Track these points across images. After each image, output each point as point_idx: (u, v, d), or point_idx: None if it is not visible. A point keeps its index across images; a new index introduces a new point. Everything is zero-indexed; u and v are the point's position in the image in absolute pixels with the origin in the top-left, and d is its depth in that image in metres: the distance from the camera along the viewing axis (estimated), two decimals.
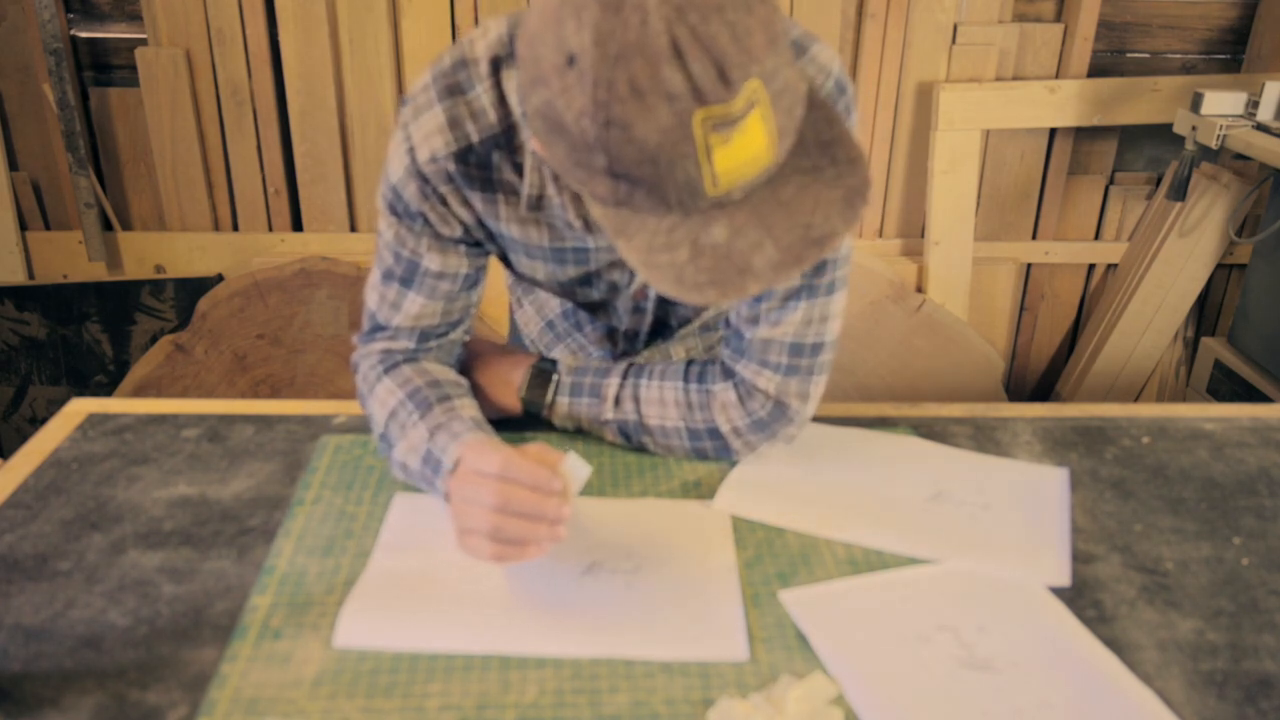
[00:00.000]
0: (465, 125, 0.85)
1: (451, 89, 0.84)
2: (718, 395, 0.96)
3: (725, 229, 0.68)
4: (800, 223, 0.68)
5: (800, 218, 0.68)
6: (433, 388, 0.91)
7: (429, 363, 0.96)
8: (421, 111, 0.86)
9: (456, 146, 0.85)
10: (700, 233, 0.68)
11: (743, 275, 0.68)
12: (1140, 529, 0.90)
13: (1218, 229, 2.41)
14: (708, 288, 0.68)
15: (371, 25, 2.31)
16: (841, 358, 2.52)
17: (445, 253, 0.92)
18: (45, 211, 2.50)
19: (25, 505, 0.90)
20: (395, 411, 0.90)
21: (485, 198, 0.89)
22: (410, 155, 0.87)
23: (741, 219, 0.68)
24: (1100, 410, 1.11)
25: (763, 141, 0.66)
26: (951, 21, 2.38)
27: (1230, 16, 2.47)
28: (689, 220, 0.68)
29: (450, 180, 0.88)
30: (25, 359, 2.50)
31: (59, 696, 0.69)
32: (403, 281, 0.93)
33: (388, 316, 0.95)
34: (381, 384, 0.93)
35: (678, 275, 0.69)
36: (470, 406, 0.91)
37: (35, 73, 2.37)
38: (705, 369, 0.98)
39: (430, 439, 0.87)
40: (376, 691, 0.70)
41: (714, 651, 0.74)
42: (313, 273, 2.39)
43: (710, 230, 0.68)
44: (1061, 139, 2.51)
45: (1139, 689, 0.71)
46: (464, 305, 0.97)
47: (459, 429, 0.86)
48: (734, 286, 0.68)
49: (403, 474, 0.91)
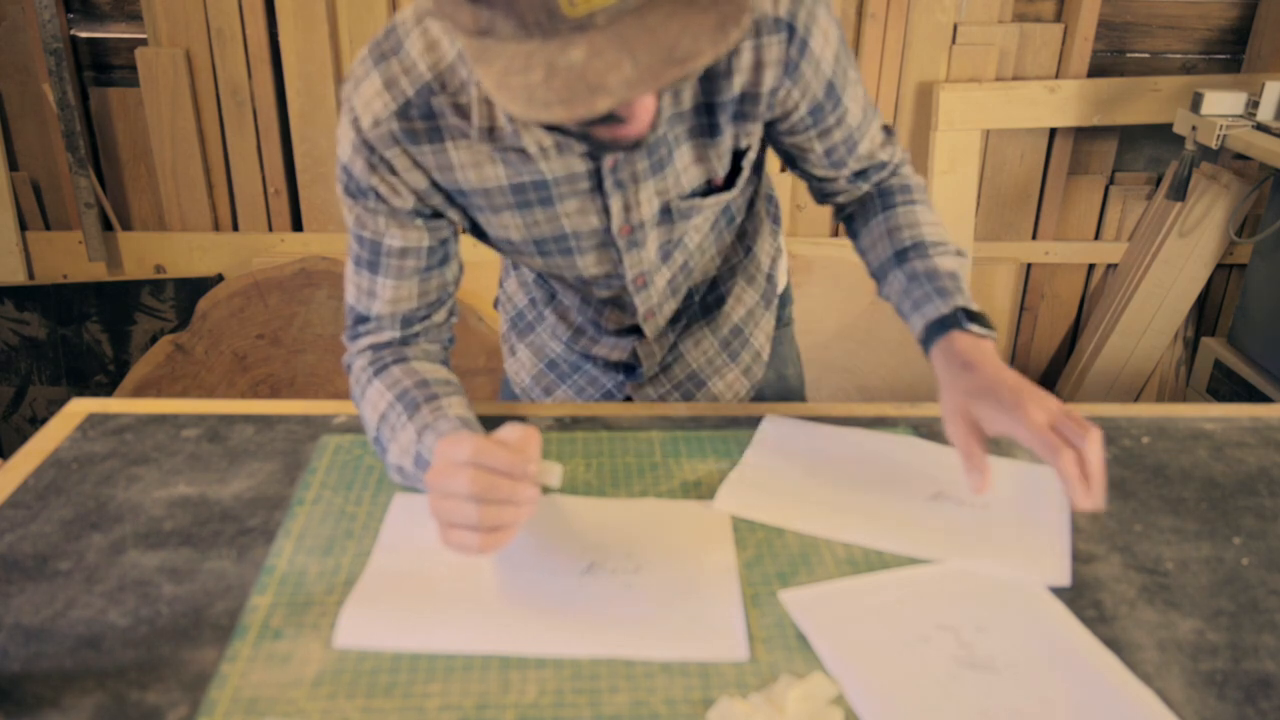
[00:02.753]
0: (400, 82, 0.86)
1: (385, 54, 0.86)
2: (914, 179, 1.05)
3: (584, 51, 0.67)
4: (664, 44, 0.67)
5: (665, 40, 0.67)
6: (420, 388, 0.91)
7: (418, 361, 0.96)
8: (360, 82, 0.87)
9: (396, 105, 0.86)
10: (558, 55, 0.67)
11: (594, 93, 0.67)
12: (1140, 529, 0.90)
13: (1218, 229, 2.41)
14: (555, 105, 0.67)
15: (371, 25, 2.31)
16: (841, 358, 2.53)
17: (404, 227, 0.93)
18: (45, 211, 2.50)
19: (25, 505, 0.90)
20: (385, 415, 0.91)
21: (435, 149, 0.89)
22: (355, 127, 0.88)
23: (602, 42, 0.67)
24: (1100, 410, 1.11)
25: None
26: (951, 21, 2.38)
27: (1230, 16, 2.47)
28: (548, 45, 0.67)
29: (396, 142, 0.88)
30: (25, 359, 2.50)
31: (59, 696, 0.69)
32: (370, 266, 0.94)
33: (366, 306, 0.96)
34: (372, 387, 0.93)
35: (529, 95, 0.68)
36: (458, 405, 0.91)
37: (35, 73, 2.37)
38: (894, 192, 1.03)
39: (419, 440, 0.87)
40: (376, 691, 0.70)
41: (714, 651, 0.74)
42: (313, 273, 2.39)
43: (568, 53, 0.67)
44: (1061, 139, 2.52)
45: (1139, 689, 0.71)
46: (439, 284, 0.98)
47: (445, 428, 0.86)
48: (582, 103, 0.67)
49: (400, 477, 0.92)
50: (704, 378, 1.18)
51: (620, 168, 0.91)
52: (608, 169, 0.91)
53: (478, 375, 2.41)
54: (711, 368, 1.18)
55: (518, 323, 1.22)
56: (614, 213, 0.95)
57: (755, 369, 1.21)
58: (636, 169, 0.92)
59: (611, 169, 0.91)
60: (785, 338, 1.28)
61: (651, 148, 0.91)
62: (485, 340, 2.42)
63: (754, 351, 1.20)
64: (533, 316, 1.20)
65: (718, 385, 1.19)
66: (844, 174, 1.03)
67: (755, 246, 1.17)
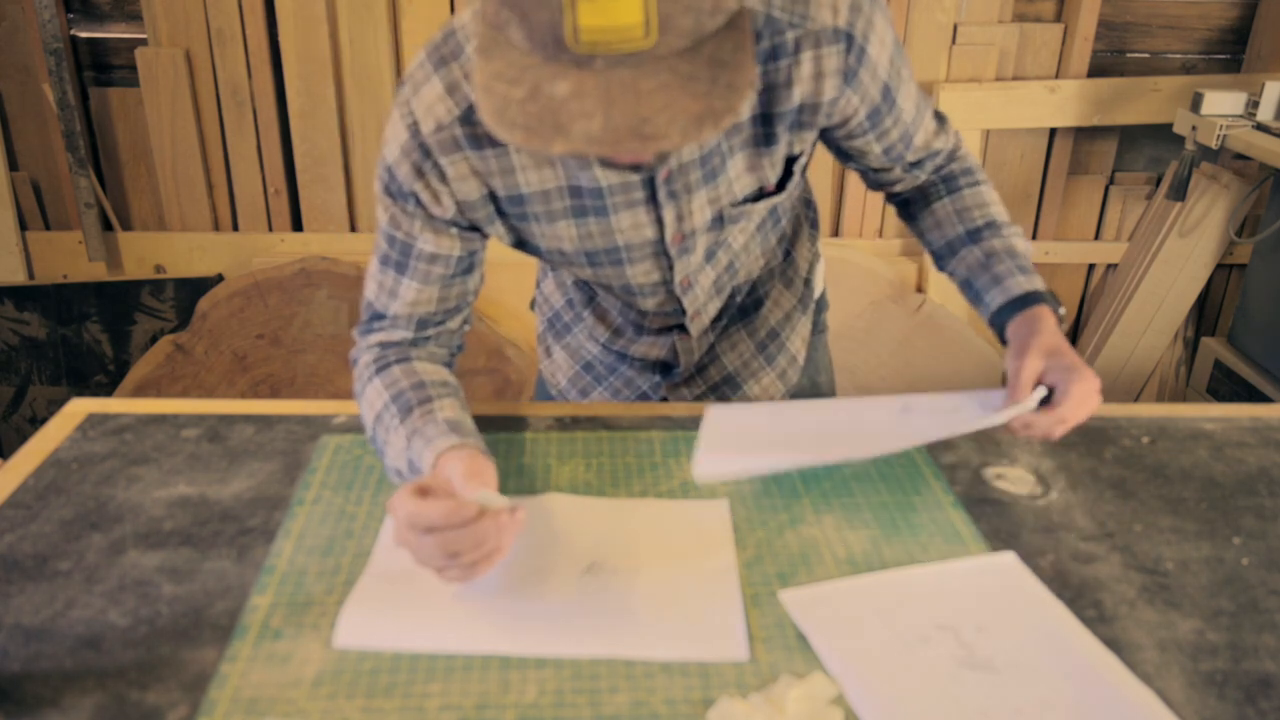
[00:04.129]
0: (462, 87, 0.86)
1: (445, 58, 0.86)
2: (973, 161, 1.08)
3: (570, 87, 0.67)
4: (640, 114, 0.67)
5: (644, 111, 0.67)
6: (416, 390, 0.91)
7: (420, 362, 0.95)
8: (420, 86, 0.87)
9: (459, 110, 0.86)
10: (546, 81, 0.67)
11: (556, 133, 0.67)
12: (1140, 529, 0.90)
13: (1218, 229, 2.41)
14: (518, 129, 0.68)
15: (371, 25, 2.31)
16: (841, 357, 2.52)
17: (438, 234, 0.93)
18: (45, 211, 2.50)
19: (25, 505, 0.90)
20: (380, 415, 0.91)
21: (498, 153, 0.89)
22: (413, 130, 0.87)
23: (589, 85, 0.67)
24: (1100, 410, 1.11)
25: (635, 18, 0.64)
26: (951, 21, 2.38)
27: (1230, 16, 2.47)
28: (545, 67, 0.68)
29: (459, 147, 0.88)
30: (25, 359, 2.50)
31: (59, 696, 0.69)
32: (397, 267, 0.94)
33: (385, 304, 0.96)
34: (371, 385, 0.93)
35: (502, 107, 0.68)
36: (450, 407, 0.90)
37: (35, 73, 2.37)
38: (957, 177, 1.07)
39: (408, 446, 0.87)
40: (376, 691, 0.70)
41: (714, 651, 0.74)
42: (313, 273, 2.39)
43: (556, 83, 0.67)
44: (1061, 139, 2.51)
45: (1139, 689, 0.71)
46: (460, 292, 0.98)
47: (432, 433, 0.86)
48: (541, 139, 0.67)
49: (398, 480, 0.92)
50: (740, 380, 1.17)
51: (674, 178, 0.91)
52: (661, 180, 0.90)
53: (478, 375, 2.41)
54: (747, 370, 1.17)
55: (554, 324, 1.21)
56: (667, 222, 0.95)
57: (790, 373, 1.20)
58: (690, 179, 0.91)
59: (665, 180, 0.90)
60: (820, 344, 1.27)
61: (704, 157, 0.91)
62: (485, 340, 2.42)
63: (790, 356, 1.19)
64: (570, 318, 1.19)
65: (754, 389, 1.18)
66: (900, 165, 1.04)
67: (794, 251, 1.16)
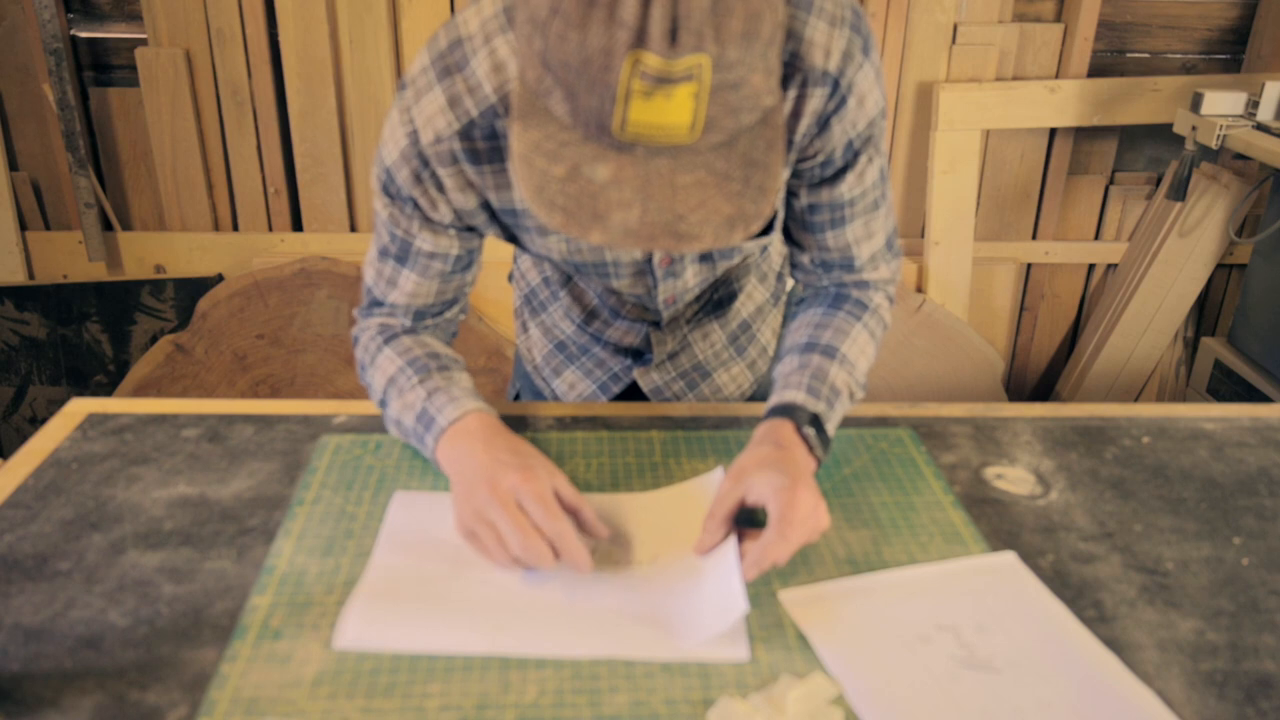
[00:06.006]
0: (464, 102, 0.85)
1: (449, 69, 0.85)
2: (879, 307, 1.01)
3: (610, 171, 0.67)
4: (677, 211, 0.68)
5: (679, 208, 0.68)
6: (432, 358, 0.95)
7: (427, 335, 1.00)
8: (422, 94, 0.87)
9: (459, 125, 0.86)
10: (586, 162, 0.67)
11: (594, 221, 0.68)
12: (1140, 529, 0.90)
13: (1218, 229, 2.41)
14: (557, 211, 0.69)
15: (371, 25, 2.31)
16: None
17: (437, 234, 0.94)
18: (45, 211, 2.50)
19: (25, 505, 0.90)
20: (394, 378, 0.94)
21: (495, 169, 0.89)
22: (412, 138, 0.88)
23: (630, 172, 0.67)
24: (1100, 410, 1.11)
25: (684, 119, 0.65)
26: (951, 21, 2.38)
27: (1230, 16, 2.47)
28: (585, 145, 0.68)
29: (455, 160, 0.88)
30: (25, 359, 2.50)
31: (59, 696, 0.69)
32: (397, 259, 0.96)
33: (384, 292, 0.99)
34: (382, 353, 0.96)
35: (541, 184, 0.69)
36: (467, 379, 0.95)
37: (35, 73, 2.37)
38: (849, 301, 1.00)
39: (428, 399, 0.90)
40: (376, 692, 0.70)
41: (714, 651, 0.74)
42: (313, 273, 2.39)
43: (596, 166, 0.67)
44: (1061, 139, 2.51)
45: (1139, 689, 0.71)
46: (458, 285, 1.00)
47: (458, 394, 0.91)
48: (579, 226, 0.68)
49: (396, 430, 0.95)
50: (709, 369, 1.19)
51: None
52: None
53: (478, 375, 2.41)
54: (718, 360, 1.19)
55: (531, 300, 1.23)
56: (656, 254, 0.96)
57: (760, 364, 1.23)
58: None
59: None
60: None
61: None
62: (485, 340, 2.42)
63: (760, 347, 1.22)
64: (545, 296, 1.20)
65: (722, 377, 1.20)
66: (813, 251, 1.00)
67: (770, 246, 1.18)
